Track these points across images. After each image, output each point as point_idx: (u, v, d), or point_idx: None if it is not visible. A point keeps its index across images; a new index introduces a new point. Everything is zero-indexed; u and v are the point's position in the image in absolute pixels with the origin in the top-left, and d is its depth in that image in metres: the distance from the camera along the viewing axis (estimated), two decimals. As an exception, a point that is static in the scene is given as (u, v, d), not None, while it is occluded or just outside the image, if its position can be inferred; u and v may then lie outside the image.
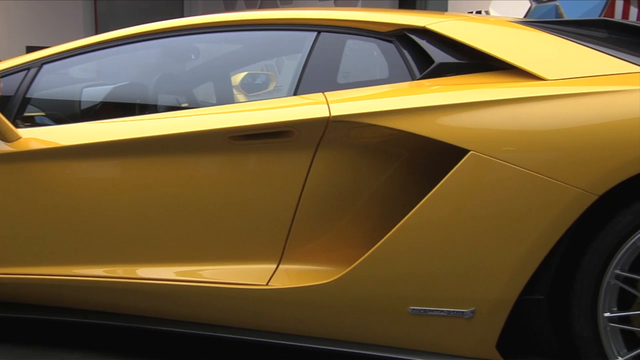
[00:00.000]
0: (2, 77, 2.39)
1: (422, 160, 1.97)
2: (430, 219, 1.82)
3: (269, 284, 2.05)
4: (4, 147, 2.25)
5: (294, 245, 2.08)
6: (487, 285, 1.81)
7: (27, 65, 2.46)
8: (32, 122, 2.42)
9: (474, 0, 5.80)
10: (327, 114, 1.95)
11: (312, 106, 2.02)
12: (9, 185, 2.27)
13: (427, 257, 1.85)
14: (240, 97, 3.15)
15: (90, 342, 2.50)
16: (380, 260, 1.88)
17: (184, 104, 2.59)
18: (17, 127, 2.31)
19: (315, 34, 2.22)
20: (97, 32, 2.52)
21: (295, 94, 2.14)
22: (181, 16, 2.56)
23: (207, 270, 2.14)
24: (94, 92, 2.59)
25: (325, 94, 2.06)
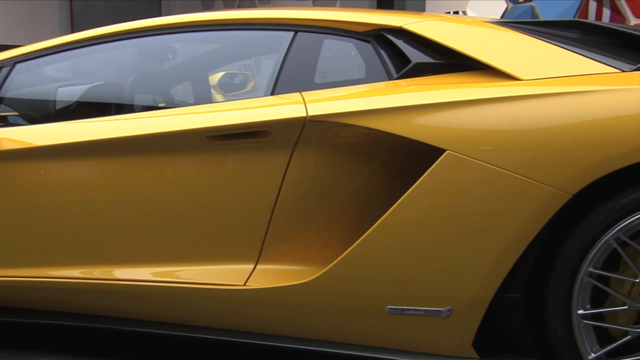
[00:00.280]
0: None
1: (399, 159, 1.98)
2: (407, 218, 1.83)
3: (247, 284, 2.05)
4: (-23, 147, 2.22)
5: (272, 245, 2.08)
6: (464, 284, 1.82)
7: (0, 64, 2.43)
8: (5, 122, 2.39)
9: (452, 0, 5.83)
10: (304, 114, 1.95)
11: (289, 106, 2.02)
12: (-19, 186, 2.24)
13: (404, 256, 1.85)
14: (218, 96, 3.14)
15: (65, 344, 2.48)
16: (357, 259, 1.89)
17: (161, 104, 2.57)
18: (-11, 127, 2.28)
19: (292, 33, 2.22)
20: (73, 32, 2.50)
21: (272, 93, 2.14)
22: (159, 16, 2.53)
23: (184, 270, 2.13)
24: (69, 92, 2.56)
25: (302, 93, 2.06)
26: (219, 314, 2.11)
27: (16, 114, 2.46)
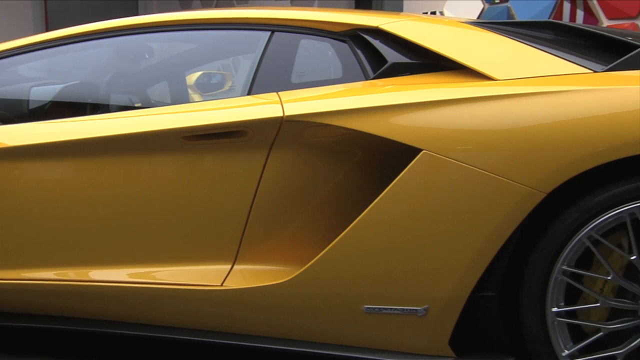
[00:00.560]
0: None
1: (376, 159, 1.99)
2: (383, 218, 1.84)
3: (224, 285, 2.04)
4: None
5: (249, 245, 2.07)
6: (440, 283, 1.83)
7: (-29, 63, 2.39)
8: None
9: (429, 0, 5.86)
10: (280, 114, 1.95)
11: (265, 106, 2.02)
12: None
13: (381, 255, 1.86)
14: (195, 96, 3.12)
15: (43, 346, 2.45)
16: (334, 259, 1.89)
17: (137, 104, 2.55)
18: (-39, 127, 2.25)
19: (269, 33, 2.22)
20: (47, 31, 2.46)
21: (249, 93, 2.14)
22: (135, 16, 2.52)
23: (160, 271, 2.12)
24: (43, 92, 2.54)
25: (279, 93, 2.05)
26: (196, 315, 2.10)
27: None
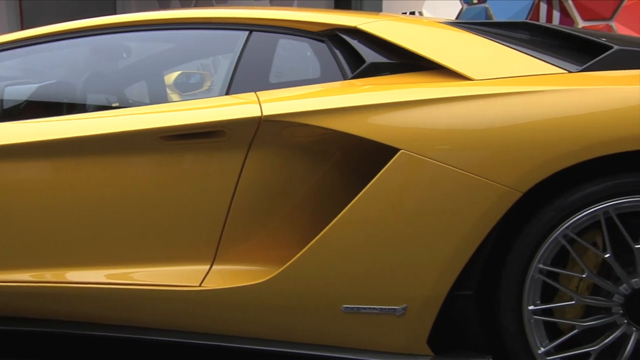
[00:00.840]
0: None
1: (355, 159, 1.99)
2: (361, 217, 1.84)
3: (202, 285, 2.03)
4: None
5: (228, 245, 2.07)
6: (418, 282, 1.84)
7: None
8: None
9: (408, 0, 5.89)
10: (259, 114, 1.95)
11: (244, 106, 2.01)
12: None
13: (360, 255, 1.86)
14: (174, 96, 3.11)
15: (19, 350, 2.42)
16: (313, 259, 1.89)
17: (114, 104, 2.53)
18: None
19: (247, 33, 2.22)
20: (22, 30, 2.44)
21: (227, 93, 2.13)
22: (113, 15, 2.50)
23: (138, 272, 2.11)
24: (17, 91, 2.50)
25: (257, 93, 2.05)
26: (174, 316, 2.09)
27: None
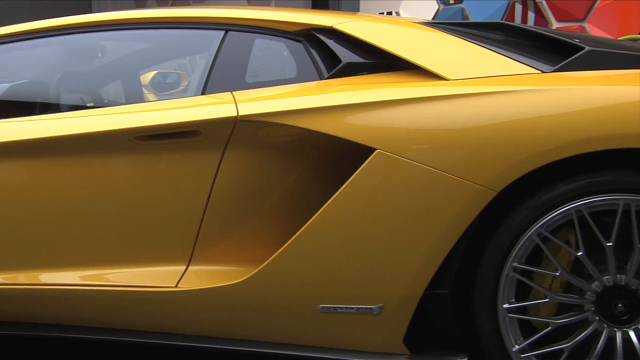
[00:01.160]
0: None
1: (331, 159, 1.99)
2: (338, 217, 1.84)
3: (178, 286, 2.02)
4: None
5: (204, 245, 2.06)
6: (394, 281, 1.85)
7: None
8: None
9: (385, 0, 5.92)
10: (235, 114, 1.94)
11: (219, 105, 2.00)
12: None
13: (336, 255, 1.87)
14: (149, 96, 3.08)
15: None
16: (289, 259, 1.89)
17: (89, 104, 2.51)
18: None
19: (222, 32, 2.21)
20: (-6, 29, 2.40)
21: (203, 93, 2.12)
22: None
23: (114, 273, 2.09)
24: (-11, 91, 2.47)
25: (233, 93, 2.04)
26: (150, 317, 2.08)
27: None
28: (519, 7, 4.96)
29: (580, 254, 1.75)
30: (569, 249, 1.78)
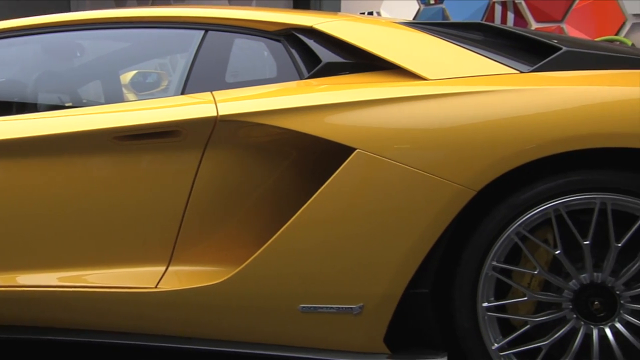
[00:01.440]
0: None
1: (312, 159, 1.99)
2: (318, 217, 1.85)
3: (158, 287, 2.01)
4: None
5: (184, 246, 2.05)
6: (375, 281, 1.85)
7: None
8: None
9: (366, 1, 5.94)
10: (214, 113, 1.94)
11: (199, 105, 2.00)
12: None
13: (316, 254, 1.87)
14: (129, 96, 3.06)
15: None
16: (269, 259, 1.89)
17: (67, 103, 2.49)
18: None
19: (202, 32, 2.20)
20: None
21: (182, 93, 2.11)
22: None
23: (93, 274, 2.07)
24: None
25: (213, 93, 2.04)
26: (130, 318, 2.07)
27: None
28: (498, 8, 5.01)
29: (558, 252, 1.76)
30: (547, 248, 1.79)
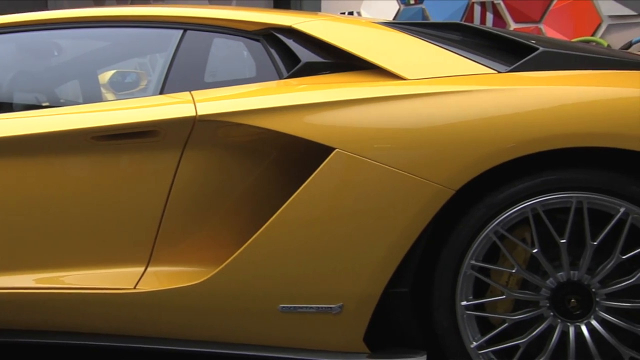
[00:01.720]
0: None
1: (291, 158, 1.99)
2: (297, 217, 1.84)
3: (137, 288, 2.00)
4: None
5: (163, 246, 2.04)
6: (354, 280, 1.85)
7: None
8: None
9: (346, 1, 5.94)
10: (193, 113, 1.93)
11: (178, 105, 1.99)
12: None
13: (295, 255, 1.87)
14: (108, 95, 3.03)
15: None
16: (248, 259, 1.88)
17: (44, 103, 2.46)
18: None
19: (181, 32, 2.19)
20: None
21: (161, 92, 2.10)
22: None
23: (70, 275, 2.06)
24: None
25: (192, 92, 2.03)
26: (108, 320, 2.05)
27: None
28: (477, 8, 5.05)
29: (535, 251, 1.78)
30: (525, 247, 1.81)
